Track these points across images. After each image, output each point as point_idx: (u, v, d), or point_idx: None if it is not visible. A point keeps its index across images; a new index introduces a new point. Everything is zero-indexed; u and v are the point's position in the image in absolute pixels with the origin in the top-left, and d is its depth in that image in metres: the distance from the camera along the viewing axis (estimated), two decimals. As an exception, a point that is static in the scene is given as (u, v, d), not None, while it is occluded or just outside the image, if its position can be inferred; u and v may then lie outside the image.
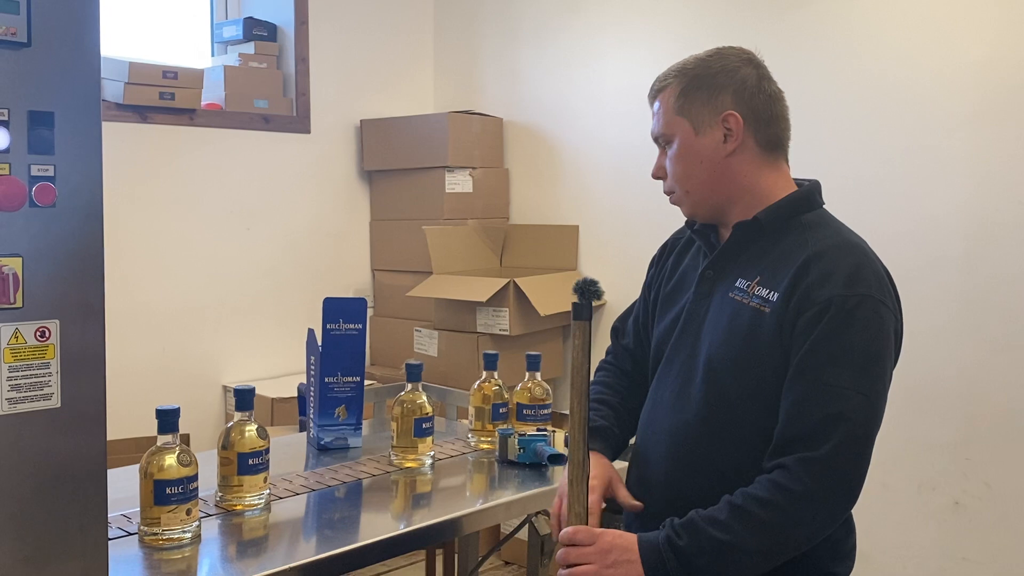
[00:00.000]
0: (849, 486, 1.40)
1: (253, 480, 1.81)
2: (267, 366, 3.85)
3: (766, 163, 1.55)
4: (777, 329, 1.42)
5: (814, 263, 1.42)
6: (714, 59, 1.55)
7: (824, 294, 1.39)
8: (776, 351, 1.42)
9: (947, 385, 2.98)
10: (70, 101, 1.23)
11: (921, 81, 3.01)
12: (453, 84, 4.42)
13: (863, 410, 1.40)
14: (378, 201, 4.26)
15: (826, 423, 1.37)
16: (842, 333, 1.38)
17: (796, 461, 1.36)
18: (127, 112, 3.48)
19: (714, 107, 1.51)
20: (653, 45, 3.66)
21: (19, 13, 1.18)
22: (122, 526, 1.69)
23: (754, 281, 1.47)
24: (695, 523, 1.38)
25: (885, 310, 1.42)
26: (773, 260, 1.48)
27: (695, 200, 1.56)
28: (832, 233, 1.50)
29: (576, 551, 1.39)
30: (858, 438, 1.40)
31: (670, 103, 1.54)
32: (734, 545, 1.35)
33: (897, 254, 3.07)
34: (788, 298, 1.42)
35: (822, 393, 1.38)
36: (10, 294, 1.19)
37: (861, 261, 1.45)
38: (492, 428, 2.28)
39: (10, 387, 1.21)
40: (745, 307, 1.46)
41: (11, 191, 1.18)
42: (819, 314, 1.39)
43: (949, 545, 3.00)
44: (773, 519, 1.36)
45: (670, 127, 1.54)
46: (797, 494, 1.36)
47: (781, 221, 1.51)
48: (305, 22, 4.05)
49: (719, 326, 1.50)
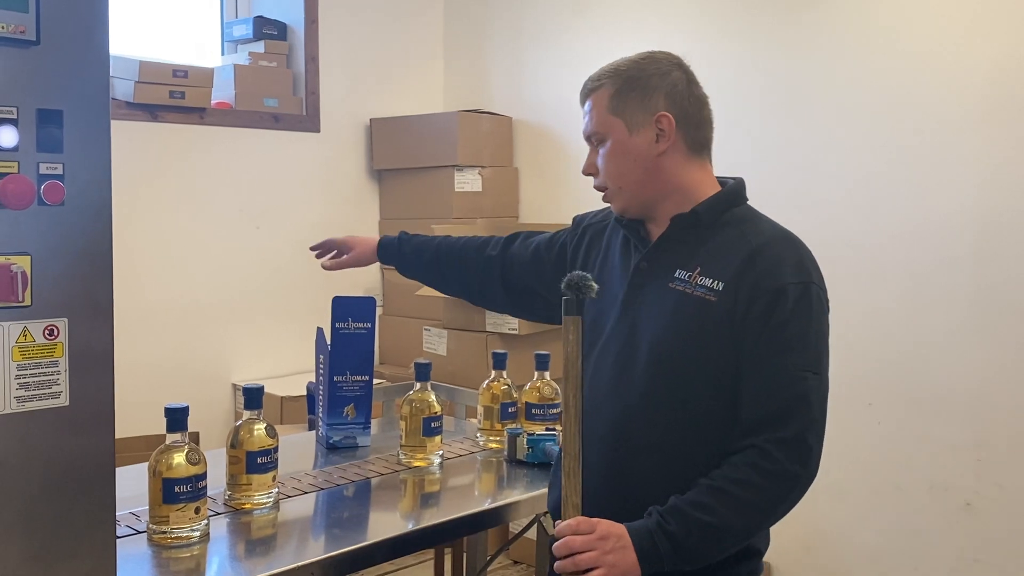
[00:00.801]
0: (816, 460, 1.48)
1: (262, 479, 1.81)
2: (276, 365, 3.85)
3: (693, 162, 1.62)
4: (727, 317, 1.49)
5: (759, 255, 1.52)
6: (646, 62, 1.62)
7: (773, 284, 1.49)
8: (725, 338, 1.49)
9: (959, 386, 2.97)
10: (79, 99, 1.23)
11: (932, 81, 2.99)
12: (463, 83, 4.42)
13: (819, 389, 1.50)
14: (387, 200, 4.26)
15: (791, 404, 1.46)
16: (795, 319, 1.48)
17: (768, 442, 1.45)
18: (137, 111, 3.49)
19: (647, 108, 1.57)
20: (662, 45, 3.64)
21: (28, 11, 1.18)
22: (131, 524, 1.69)
23: (695, 271, 1.54)
24: (680, 508, 1.44)
25: (824, 295, 1.55)
26: (711, 251, 1.55)
27: (627, 196, 1.61)
28: (768, 226, 1.61)
29: (578, 539, 1.41)
30: (819, 416, 1.50)
31: (604, 103, 1.60)
32: (720, 525, 1.43)
33: (907, 254, 3.07)
34: (736, 288, 1.50)
35: (784, 377, 1.47)
36: (19, 292, 1.20)
37: (801, 252, 1.56)
38: (501, 427, 2.28)
39: (19, 385, 1.21)
40: (689, 296, 1.53)
41: (20, 189, 1.18)
42: (771, 303, 1.48)
43: (961, 546, 2.98)
44: (754, 498, 1.44)
45: (604, 126, 1.60)
46: (774, 473, 1.44)
47: (716, 214, 1.59)
48: (315, 21, 4.06)
49: (662, 315, 1.55)
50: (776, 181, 3.36)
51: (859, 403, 3.17)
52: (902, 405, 3.08)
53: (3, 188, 1.17)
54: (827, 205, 3.23)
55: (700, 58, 3.89)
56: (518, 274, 1.92)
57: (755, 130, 3.41)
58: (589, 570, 1.40)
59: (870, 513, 3.16)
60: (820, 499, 3.27)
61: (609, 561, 1.40)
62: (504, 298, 1.97)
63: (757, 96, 3.40)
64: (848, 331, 3.20)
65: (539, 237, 1.93)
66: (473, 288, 2.03)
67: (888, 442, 3.12)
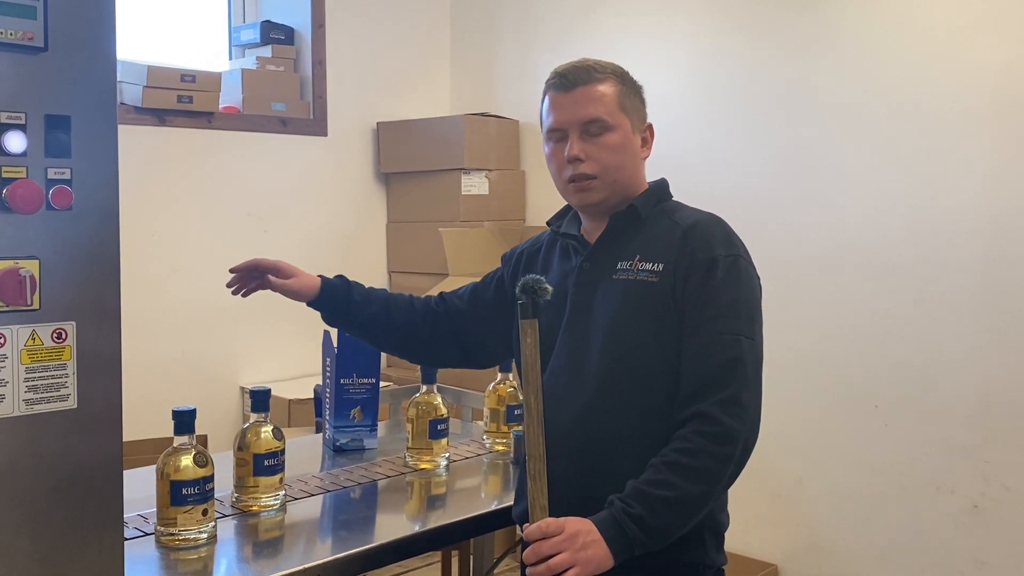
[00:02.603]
0: (755, 419, 1.54)
1: (269, 481, 1.82)
2: (284, 367, 3.86)
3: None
4: (670, 293, 1.58)
5: (691, 233, 1.61)
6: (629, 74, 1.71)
7: (706, 256, 1.57)
8: (671, 314, 1.57)
9: (966, 387, 2.96)
10: (86, 105, 1.24)
11: (941, 81, 2.99)
12: (470, 86, 4.43)
13: (754, 352, 1.56)
14: (394, 203, 4.27)
15: (727, 367, 1.52)
16: (726, 287, 1.56)
17: (710, 406, 1.50)
18: (145, 115, 3.50)
19: (642, 115, 1.71)
20: (669, 48, 3.66)
21: (36, 18, 1.19)
22: (139, 526, 1.70)
23: (635, 260, 1.62)
24: (640, 490, 1.47)
25: (752, 269, 1.63)
26: (646, 240, 1.64)
27: (616, 188, 1.67)
28: (693, 212, 1.69)
29: (548, 543, 1.42)
30: (754, 377, 1.55)
31: (615, 96, 1.66)
32: (680, 498, 1.47)
33: (915, 255, 3.06)
34: (675, 265, 1.58)
35: (719, 342, 1.54)
36: (27, 296, 1.21)
37: (726, 229, 1.64)
38: (507, 429, 2.29)
39: (27, 388, 1.22)
40: (634, 283, 1.61)
41: (28, 194, 1.19)
42: (706, 274, 1.56)
43: (967, 548, 2.98)
44: (706, 464, 1.49)
45: (613, 117, 1.65)
46: (720, 435, 1.49)
47: (650, 208, 1.68)
48: (322, 25, 4.07)
49: (611, 305, 1.62)
50: (784, 182, 3.36)
51: (866, 405, 3.16)
52: (909, 407, 3.08)
53: (12, 193, 1.18)
54: (835, 206, 3.23)
55: (708, 61, 3.92)
56: (462, 325, 1.88)
57: (763, 132, 3.41)
58: (564, 572, 1.40)
59: (877, 515, 3.16)
60: (826, 501, 3.27)
61: (582, 558, 1.41)
62: (458, 353, 1.91)
63: (764, 98, 3.40)
64: (855, 332, 3.21)
65: (467, 286, 1.95)
66: (421, 343, 1.90)
67: (895, 444, 3.11)
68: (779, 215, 3.35)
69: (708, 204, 1.72)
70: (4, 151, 1.18)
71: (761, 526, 3.38)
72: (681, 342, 1.56)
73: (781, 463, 3.30)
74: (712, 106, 3.55)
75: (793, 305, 3.27)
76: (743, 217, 2.01)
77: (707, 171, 3.47)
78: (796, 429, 3.28)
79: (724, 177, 3.46)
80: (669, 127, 3.59)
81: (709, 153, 3.53)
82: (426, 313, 1.90)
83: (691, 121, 3.58)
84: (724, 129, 3.52)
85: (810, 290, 3.28)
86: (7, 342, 1.20)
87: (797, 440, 3.29)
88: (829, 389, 3.26)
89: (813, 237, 3.29)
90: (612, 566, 1.44)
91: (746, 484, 1.61)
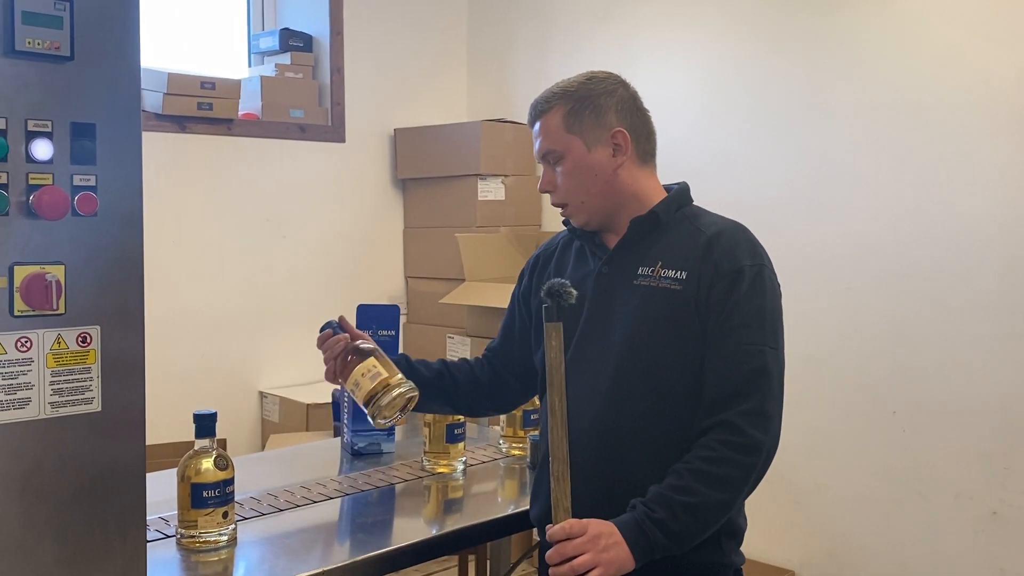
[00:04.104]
0: (777, 428, 1.56)
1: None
2: (302, 372, 3.88)
3: (644, 171, 1.71)
4: (692, 302, 1.58)
5: (715, 242, 1.61)
6: (593, 82, 1.69)
7: (732, 266, 1.58)
8: (693, 322, 1.58)
9: (985, 393, 2.95)
10: (111, 113, 1.27)
11: (958, 87, 2.98)
12: (486, 92, 4.45)
13: (778, 362, 1.58)
14: (411, 209, 4.29)
15: (753, 377, 1.54)
16: (752, 299, 1.57)
17: (735, 415, 1.52)
18: (166, 122, 3.54)
19: (602, 125, 1.66)
20: (684, 53, 3.66)
21: (62, 28, 1.21)
22: (160, 529, 1.71)
23: (656, 266, 1.63)
24: (663, 495, 1.49)
25: (775, 277, 1.64)
26: (668, 246, 1.64)
27: (589, 210, 1.68)
28: (716, 219, 1.68)
29: (571, 544, 1.44)
30: (778, 388, 1.57)
31: (558, 123, 1.67)
32: (702, 505, 1.49)
33: (933, 261, 3.06)
34: (699, 274, 1.59)
35: (744, 352, 1.55)
36: (53, 300, 1.23)
37: (751, 238, 1.65)
38: (523, 434, 2.29)
39: (52, 391, 1.24)
40: (656, 289, 1.61)
41: (54, 201, 1.21)
42: (731, 284, 1.57)
43: (986, 555, 2.96)
44: (729, 472, 1.51)
45: (560, 144, 1.66)
46: (743, 445, 1.51)
47: (670, 213, 1.68)
48: (340, 33, 4.10)
49: (631, 310, 1.62)
50: (801, 189, 3.36)
51: (884, 411, 3.15)
52: (927, 413, 3.07)
53: (38, 199, 1.20)
54: (853, 212, 3.22)
55: (723, 63, 3.91)
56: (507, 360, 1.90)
57: (779, 136, 3.41)
58: (587, 572, 1.42)
59: (894, 522, 3.15)
60: (844, 507, 3.26)
61: (605, 559, 1.43)
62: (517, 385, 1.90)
63: (781, 102, 3.40)
64: (874, 338, 3.20)
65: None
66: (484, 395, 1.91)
67: (913, 450, 3.10)
68: (796, 221, 3.34)
69: (725, 210, 1.73)
70: (31, 158, 1.20)
71: (779, 531, 3.38)
72: (703, 350, 1.57)
73: (799, 469, 3.30)
74: (727, 112, 3.55)
75: (811, 311, 3.26)
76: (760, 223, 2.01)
77: (723, 178, 3.47)
78: (814, 435, 3.27)
79: (740, 183, 3.46)
80: (684, 133, 3.61)
81: (725, 159, 3.53)
82: (480, 363, 1.92)
83: (706, 127, 3.58)
84: (740, 135, 3.52)
85: (828, 295, 3.27)
86: (33, 346, 1.22)
87: (815, 446, 3.28)
88: (847, 395, 3.25)
89: (830, 243, 3.28)
90: (633, 568, 1.45)
91: (764, 489, 1.62)
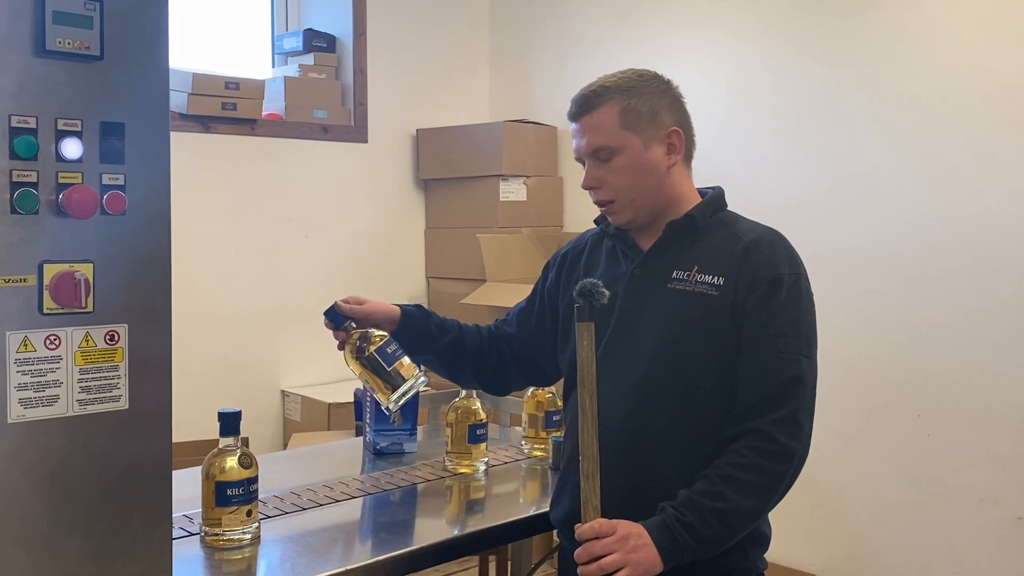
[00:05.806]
0: (807, 437, 1.56)
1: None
2: (324, 371, 3.90)
3: (686, 173, 1.71)
4: (729, 308, 1.57)
5: (754, 248, 1.61)
6: (644, 79, 1.67)
7: (770, 274, 1.58)
8: (729, 327, 1.57)
9: (1010, 398, 2.92)
10: (140, 112, 1.27)
11: (978, 90, 2.96)
12: (508, 93, 4.45)
13: (812, 372, 1.58)
14: (433, 209, 4.30)
15: (786, 386, 1.54)
16: (789, 307, 1.57)
17: (767, 423, 1.52)
18: (191, 122, 3.56)
19: (657, 123, 1.65)
20: (705, 54, 3.65)
21: (92, 28, 1.22)
22: (184, 526, 1.72)
23: (692, 271, 1.62)
24: (692, 499, 1.49)
25: (810, 286, 1.63)
26: (704, 251, 1.63)
27: (639, 208, 1.66)
28: (753, 225, 1.68)
29: (600, 543, 1.44)
30: (811, 397, 1.57)
31: (613, 118, 1.63)
32: (733, 510, 1.49)
33: (957, 265, 3.03)
34: (736, 280, 1.58)
35: (779, 360, 1.55)
36: (82, 299, 1.23)
37: (789, 246, 1.65)
38: (545, 435, 2.29)
39: (80, 389, 1.25)
40: (691, 294, 1.60)
41: (84, 199, 1.22)
42: (769, 292, 1.57)
43: (1011, 561, 2.93)
44: (760, 480, 1.51)
45: (616, 140, 1.63)
46: (776, 452, 1.51)
47: (707, 217, 1.67)
48: (363, 33, 4.11)
49: (664, 313, 1.62)
50: (823, 191, 3.34)
51: (908, 414, 3.13)
52: (952, 417, 3.04)
53: (68, 198, 1.21)
54: (876, 214, 3.20)
55: (744, 65, 3.90)
56: (516, 347, 1.89)
57: (799, 138, 3.39)
58: (615, 572, 1.42)
59: (918, 526, 3.12)
60: (867, 511, 3.24)
61: (634, 560, 1.43)
62: (517, 374, 1.92)
63: (803, 105, 3.38)
64: (898, 342, 3.17)
65: (513, 309, 1.94)
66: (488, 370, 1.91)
67: (937, 455, 3.08)
68: (820, 223, 3.32)
69: (748, 214, 1.72)
70: (61, 157, 1.21)
71: (802, 536, 3.36)
72: (735, 356, 1.57)
73: (822, 473, 3.28)
74: (749, 114, 3.53)
75: (835, 314, 3.23)
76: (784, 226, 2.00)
77: (746, 180, 3.46)
78: (837, 439, 3.25)
79: (763, 186, 3.44)
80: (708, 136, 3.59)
81: (747, 162, 3.52)
82: (490, 339, 1.90)
83: (728, 130, 3.57)
84: (762, 138, 3.50)
85: (851, 299, 3.25)
86: (62, 344, 1.23)
87: (838, 450, 3.26)
88: (871, 399, 3.23)
89: (854, 245, 3.26)
90: (661, 570, 1.45)
91: (787, 494, 1.61)
